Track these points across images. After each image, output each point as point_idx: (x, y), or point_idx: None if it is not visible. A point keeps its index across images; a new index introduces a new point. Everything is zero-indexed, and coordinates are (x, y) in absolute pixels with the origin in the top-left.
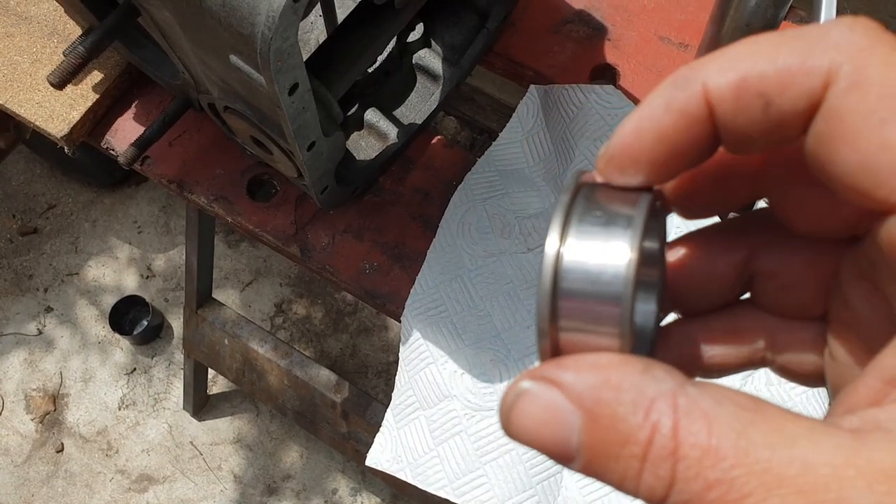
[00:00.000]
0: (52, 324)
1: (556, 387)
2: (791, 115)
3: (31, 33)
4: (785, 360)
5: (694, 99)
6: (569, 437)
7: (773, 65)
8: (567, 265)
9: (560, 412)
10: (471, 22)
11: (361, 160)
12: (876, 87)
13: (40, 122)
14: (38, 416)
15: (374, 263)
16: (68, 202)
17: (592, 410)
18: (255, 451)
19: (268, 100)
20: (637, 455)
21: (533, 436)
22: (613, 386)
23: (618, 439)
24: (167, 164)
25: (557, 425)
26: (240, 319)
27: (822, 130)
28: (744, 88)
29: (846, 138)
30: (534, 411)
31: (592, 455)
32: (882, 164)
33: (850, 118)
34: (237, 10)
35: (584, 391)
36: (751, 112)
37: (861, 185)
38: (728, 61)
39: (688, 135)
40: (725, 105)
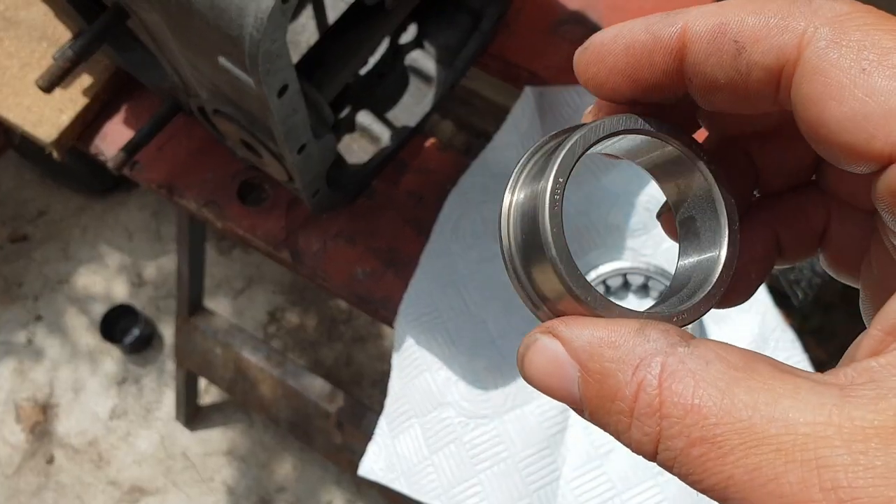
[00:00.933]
0: (42, 333)
1: (557, 341)
2: (759, 67)
3: (21, 37)
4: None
5: (671, 28)
6: (571, 387)
7: (753, 17)
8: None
9: (562, 364)
10: (464, 23)
11: (354, 163)
12: (856, 42)
13: (29, 127)
14: (27, 426)
15: (366, 268)
16: (59, 209)
17: (586, 365)
18: (248, 463)
19: (257, 102)
20: (624, 411)
21: (542, 384)
22: (607, 343)
23: (608, 394)
24: (157, 168)
25: (561, 376)
26: (232, 328)
27: (806, 91)
28: (720, 32)
29: (832, 93)
30: (540, 361)
31: (591, 407)
32: (870, 112)
33: (833, 72)
34: (225, 11)
35: (580, 346)
36: (722, 56)
37: (853, 142)
38: (715, 8)
39: (654, 58)
40: (700, 43)
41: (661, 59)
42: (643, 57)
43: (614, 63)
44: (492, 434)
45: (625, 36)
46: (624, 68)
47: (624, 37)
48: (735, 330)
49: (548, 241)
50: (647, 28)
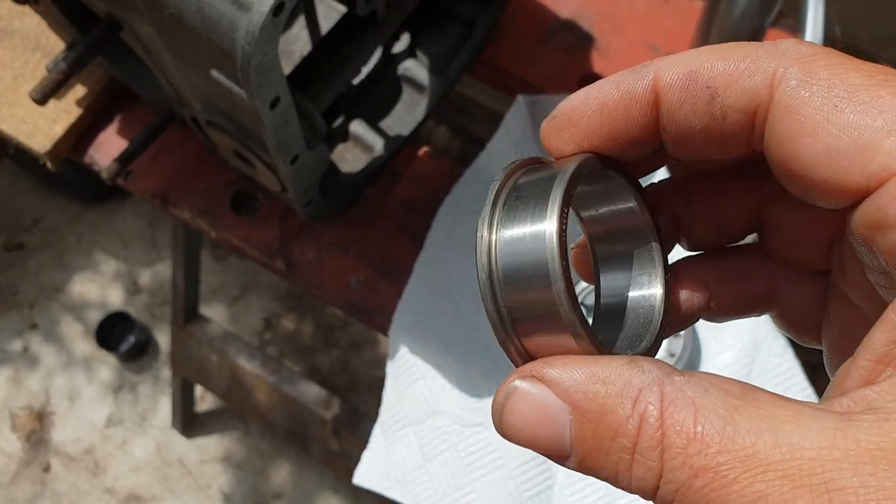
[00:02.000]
0: (38, 341)
1: (544, 384)
2: (734, 111)
3: (15, 48)
4: (785, 310)
5: (642, 82)
6: (561, 433)
7: (722, 62)
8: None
9: (550, 409)
10: (457, 32)
11: (347, 172)
12: (825, 80)
13: (23, 137)
14: (23, 434)
15: (360, 277)
16: (54, 217)
17: (581, 405)
18: (245, 470)
19: (249, 114)
20: (627, 447)
21: (526, 435)
22: (601, 379)
23: (607, 433)
24: (151, 178)
25: (548, 422)
26: (227, 335)
27: (781, 129)
28: (692, 80)
29: (805, 130)
30: (524, 409)
31: (584, 451)
32: (844, 147)
33: (806, 110)
34: (217, 25)
35: (572, 386)
36: (696, 102)
37: (828, 176)
38: (682, 57)
39: (630, 113)
40: (673, 93)
41: (637, 114)
42: (619, 114)
43: (589, 125)
44: (486, 442)
45: (595, 97)
46: (599, 128)
47: (595, 98)
48: (730, 335)
49: (556, 278)
50: (617, 86)
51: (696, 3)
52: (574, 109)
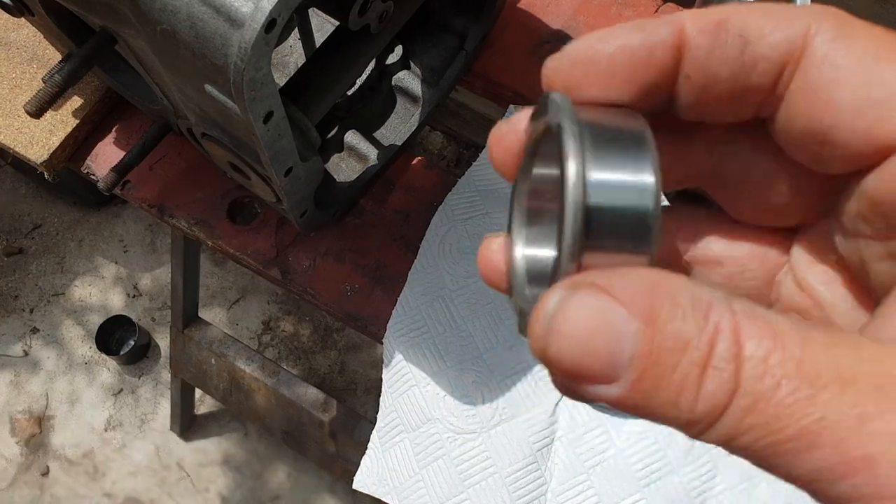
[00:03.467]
0: (38, 345)
1: (603, 293)
2: (765, 60)
3: (11, 59)
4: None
5: (666, 27)
6: (619, 346)
7: (755, 14)
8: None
9: (611, 317)
10: (449, 43)
11: (341, 182)
12: (862, 36)
13: (20, 148)
14: (23, 438)
15: (355, 285)
16: (54, 222)
17: (649, 315)
18: (243, 473)
19: (243, 127)
20: (698, 361)
21: (578, 347)
22: (667, 291)
23: (677, 346)
24: (148, 187)
25: (608, 332)
26: (226, 338)
27: (815, 78)
28: (723, 28)
29: (843, 78)
30: (581, 315)
31: (646, 367)
32: (882, 98)
33: (844, 60)
34: (210, 41)
35: (637, 296)
36: (727, 49)
37: (864, 126)
38: (709, 10)
39: (654, 55)
40: (703, 37)
41: (661, 56)
42: (641, 55)
43: (608, 63)
44: (480, 449)
45: (616, 36)
46: (618, 69)
47: (615, 37)
48: None
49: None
50: (640, 28)
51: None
52: (592, 46)
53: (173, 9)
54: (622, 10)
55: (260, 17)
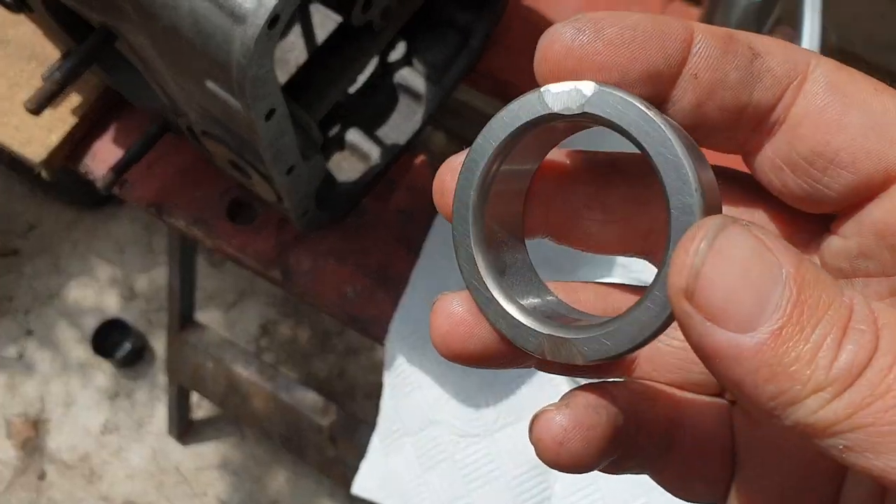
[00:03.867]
0: (33, 347)
1: (757, 237)
2: (771, 75)
3: (10, 56)
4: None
5: (681, 23)
6: (770, 290)
7: (763, 37)
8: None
9: (769, 260)
10: (453, 40)
11: (343, 182)
12: (858, 72)
13: (17, 146)
14: (18, 442)
15: (357, 287)
16: (49, 222)
17: (800, 268)
18: (241, 477)
19: (245, 125)
20: (840, 321)
21: (735, 282)
22: (808, 260)
23: (823, 303)
24: (146, 187)
25: (766, 273)
26: (223, 342)
27: (823, 102)
28: (734, 39)
29: (853, 103)
30: (740, 251)
31: (790, 318)
32: (889, 124)
33: (850, 88)
34: (212, 37)
35: (785, 251)
36: (738, 56)
37: (872, 148)
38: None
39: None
40: (716, 40)
41: (671, 45)
42: (654, 37)
43: (618, 36)
44: (483, 453)
45: (629, 15)
46: (628, 46)
47: (628, 15)
48: None
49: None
50: (651, 16)
51: (692, 11)
52: (604, 18)
53: (175, 4)
54: (629, 8)
55: (263, 13)
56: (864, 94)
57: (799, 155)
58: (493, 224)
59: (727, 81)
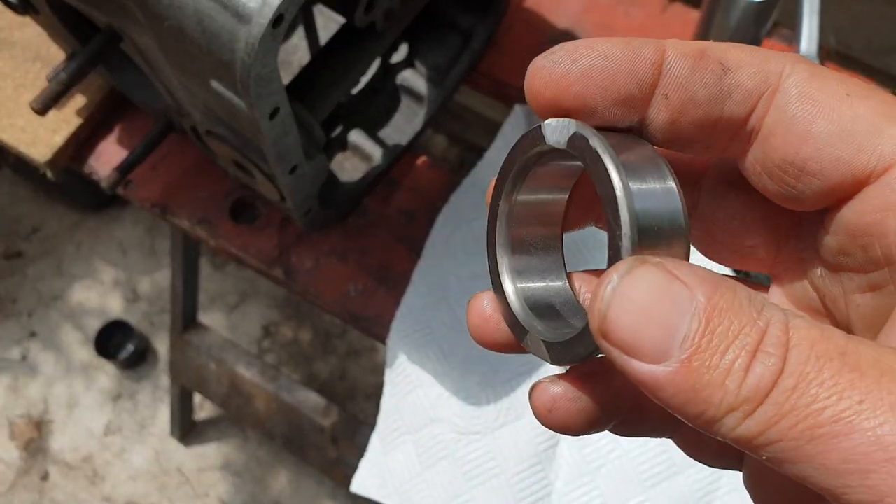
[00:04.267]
0: (36, 349)
1: (668, 272)
2: (741, 90)
3: (15, 58)
4: None
5: (650, 45)
6: (677, 323)
7: (735, 49)
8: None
9: (675, 293)
10: (455, 42)
11: (346, 182)
12: (833, 77)
13: (23, 147)
14: (21, 443)
15: (358, 286)
16: (53, 225)
17: (709, 299)
18: (244, 478)
19: (249, 124)
20: (750, 346)
21: (640, 315)
22: (727, 285)
23: (732, 331)
24: (150, 187)
25: (671, 306)
26: (226, 343)
27: (793, 111)
28: (705, 55)
29: (820, 112)
30: (646, 287)
31: (699, 346)
32: (858, 129)
33: (819, 95)
34: (217, 36)
35: (699, 282)
36: (707, 73)
37: (841, 155)
38: (691, 41)
39: (635, 66)
40: (685, 59)
41: (641, 69)
42: (623, 64)
43: (590, 66)
44: (484, 450)
45: (601, 44)
46: (599, 75)
47: (600, 45)
48: None
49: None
50: (624, 42)
51: (692, 13)
52: (576, 49)
53: (180, 4)
54: (629, 10)
55: (268, 13)
56: (834, 102)
57: (772, 163)
58: (521, 231)
59: (697, 99)
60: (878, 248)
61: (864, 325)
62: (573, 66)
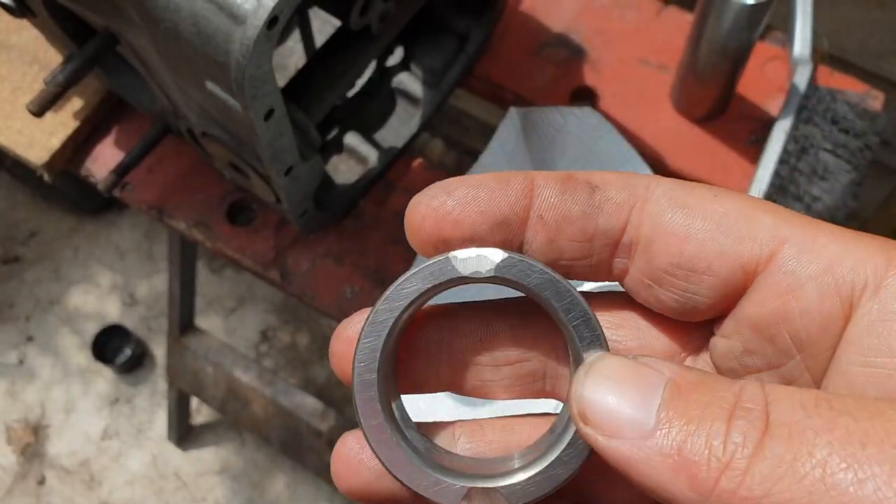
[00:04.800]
0: (34, 353)
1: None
2: (612, 203)
3: (12, 61)
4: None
5: (519, 176)
6: (650, 396)
7: (600, 173)
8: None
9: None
10: (450, 45)
11: (341, 184)
12: (696, 185)
13: (20, 149)
14: (18, 447)
15: (354, 287)
16: (50, 229)
17: (680, 374)
18: (241, 482)
19: (244, 125)
20: (726, 407)
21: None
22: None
23: (705, 395)
24: (147, 189)
25: (640, 382)
26: (223, 347)
27: (667, 218)
28: (572, 178)
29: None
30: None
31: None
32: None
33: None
34: (212, 38)
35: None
36: (577, 192)
37: (724, 247)
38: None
39: (508, 189)
40: (555, 183)
41: (513, 193)
42: (496, 189)
43: (465, 194)
44: None
45: (473, 178)
46: (473, 200)
47: (472, 178)
48: None
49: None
50: (496, 175)
51: (686, 16)
52: (452, 183)
53: (176, 6)
54: (624, 13)
55: (262, 14)
56: (704, 202)
57: (660, 269)
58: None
59: (571, 216)
60: (786, 335)
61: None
62: (449, 198)
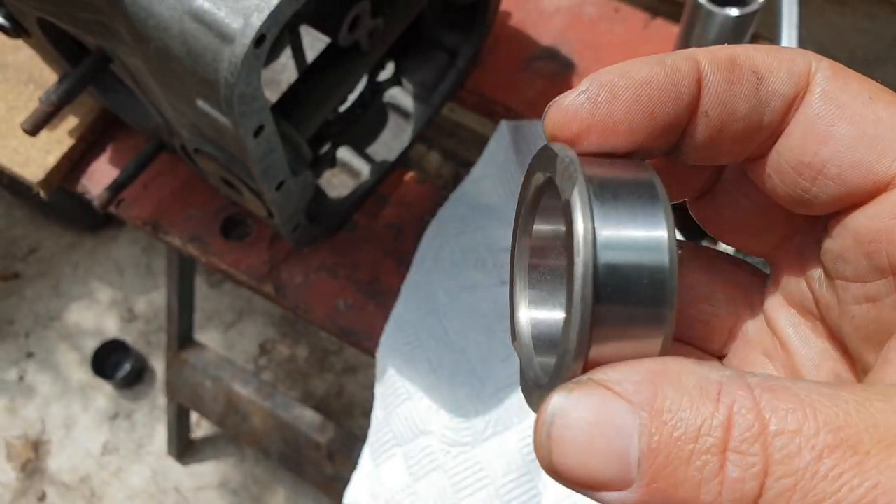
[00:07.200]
0: (34, 369)
1: (602, 387)
2: (778, 96)
3: (8, 80)
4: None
5: (686, 61)
6: (626, 447)
7: (761, 53)
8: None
9: (614, 414)
10: (441, 60)
11: (334, 198)
12: (854, 76)
13: (16, 167)
14: (18, 464)
15: (348, 300)
16: (49, 246)
17: (652, 405)
18: (241, 496)
19: (235, 142)
20: (714, 446)
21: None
22: (669, 378)
23: (688, 435)
24: (142, 205)
25: (612, 431)
26: (222, 361)
27: (818, 111)
28: (737, 64)
29: (844, 114)
30: (582, 419)
31: (657, 464)
32: (879, 135)
33: (844, 97)
34: (201, 56)
35: (639, 386)
36: (744, 84)
37: (861, 159)
38: (717, 48)
39: (679, 88)
40: (721, 73)
41: (685, 90)
42: (667, 88)
43: (635, 98)
44: (473, 461)
45: (638, 69)
46: (643, 103)
47: (638, 71)
48: None
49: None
50: (658, 62)
51: (673, 29)
52: (615, 82)
53: (166, 26)
54: (612, 26)
55: (250, 33)
56: (857, 104)
57: (787, 164)
58: (537, 261)
59: (737, 114)
60: (884, 255)
61: (858, 337)
62: (615, 102)
